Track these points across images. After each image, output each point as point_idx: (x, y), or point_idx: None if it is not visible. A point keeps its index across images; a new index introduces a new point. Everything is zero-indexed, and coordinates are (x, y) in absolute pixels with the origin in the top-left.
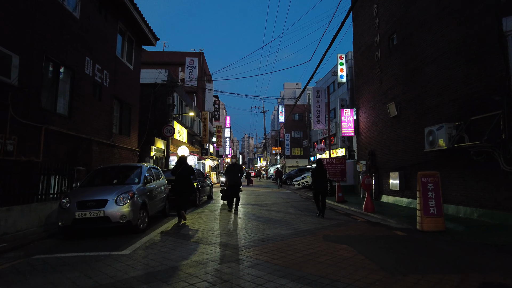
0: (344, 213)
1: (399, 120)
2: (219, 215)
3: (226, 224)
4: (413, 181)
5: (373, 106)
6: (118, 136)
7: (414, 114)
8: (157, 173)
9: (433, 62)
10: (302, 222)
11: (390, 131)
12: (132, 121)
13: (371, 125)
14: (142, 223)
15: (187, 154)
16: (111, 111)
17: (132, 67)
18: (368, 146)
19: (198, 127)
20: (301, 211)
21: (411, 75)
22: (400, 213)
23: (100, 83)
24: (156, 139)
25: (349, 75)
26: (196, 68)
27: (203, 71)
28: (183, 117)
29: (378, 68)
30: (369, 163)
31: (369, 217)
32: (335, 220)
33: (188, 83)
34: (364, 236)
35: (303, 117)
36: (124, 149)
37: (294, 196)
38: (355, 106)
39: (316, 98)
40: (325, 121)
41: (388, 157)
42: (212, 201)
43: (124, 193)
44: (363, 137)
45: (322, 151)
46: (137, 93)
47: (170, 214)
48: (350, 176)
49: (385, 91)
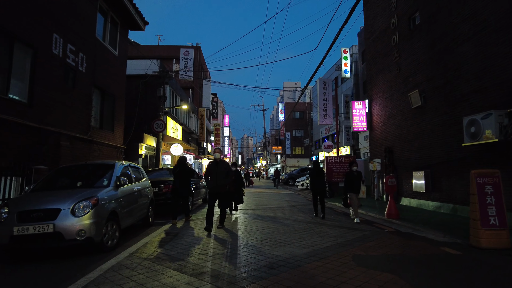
0: (363, 220)
1: (424, 110)
2: (214, 225)
3: (221, 239)
4: (443, 181)
5: (389, 97)
6: (99, 130)
7: (444, 103)
8: (137, 174)
9: (470, 40)
10: (318, 235)
11: (412, 124)
12: (116, 115)
13: (388, 118)
14: (110, 239)
15: (181, 152)
16: (89, 101)
17: (116, 53)
18: (384, 142)
19: (194, 124)
20: (313, 218)
21: (439, 58)
22: (431, 221)
23: (74, 67)
24: (146, 136)
25: (354, 69)
26: (191, 59)
27: (200, 65)
28: (177, 113)
29: (396, 53)
30: (386, 161)
31: (396, 225)
32: (357, 230)
33: (183, 75)
34: (407, 257)
35: (304, 115)
36: (107, 145)
37: (299, 198)
38: (368, 98)
39: (323, 91)
40: (332, 116)
41: (409, 154)
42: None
43: (84, 199)
44: (377, 133)
45: (329, 148)
46: (123, 83)
47: (156, 223)
48: None
49: (404, 79)
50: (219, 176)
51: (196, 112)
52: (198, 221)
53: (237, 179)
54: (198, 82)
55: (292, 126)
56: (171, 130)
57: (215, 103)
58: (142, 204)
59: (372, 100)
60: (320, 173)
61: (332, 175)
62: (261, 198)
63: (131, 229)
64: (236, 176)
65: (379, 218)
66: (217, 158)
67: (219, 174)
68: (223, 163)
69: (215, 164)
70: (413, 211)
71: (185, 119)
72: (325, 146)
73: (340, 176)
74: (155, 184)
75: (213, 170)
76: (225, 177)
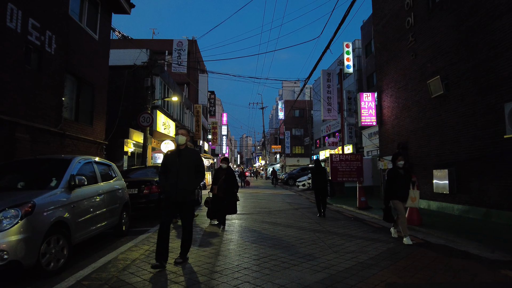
0: (380, 228)
1: (446, 100)
2: (202, 235)
3: (208, 257)
4: (472, 181)
5: (403, 87)
6: (74, 123)
7: (474, 89)
8: (106, 172)
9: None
10: (331, 249)
11: (432, 115)
12: (96, 106)
13: (401, 110)
14: (53, 259)
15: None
16: (59, 89)
17: (96, 37)
18: (397, 137)
19: (189, 121)
20: (321, 225)
21: (466, 37)
22: (463, 228)
23: (40, 47)
24: (133, 132)
25: (357, 64)
26: (185, 51)
27: (195, 60)
28: (170, 108)
29: (411, 37)
30: None
31: (421, 233)
32: (378, 242)
33: (176, 67)
34: (462, 287)
35: (304, 113)
36: (84, 140)
37: (301, 199)
38: (377, 90)
39: (327, 83)
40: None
41: (427, 150)
42: (199, 208)
43: (12, 207)
44: (388, 127)
45: (334, 145)
46: (105, 72)
47: (133, 231)
48: (367, 176)
49: (421, 66)
50: (181, 174)
51: (192, 108)
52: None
53: (229, 179)
54: (194, 77)
55: (292, 125)
56: (162, 126)
57: (212, 100)
58: (112, 210)
59: (382, 91)
60: (322, 172)
61: (337, 175)
62: (260, 199)
63: (97, 240)
64: (227, 176)
65: None
66: (180, 143)
67: (182, 170)
68: (190, 151)
69: (177, 153)
70: (436, 216)
71: (178, 115)
72: (330, 143)
73: (346, 176)
74: (135, 185)
75: (171, 162)
76: (193, 177)
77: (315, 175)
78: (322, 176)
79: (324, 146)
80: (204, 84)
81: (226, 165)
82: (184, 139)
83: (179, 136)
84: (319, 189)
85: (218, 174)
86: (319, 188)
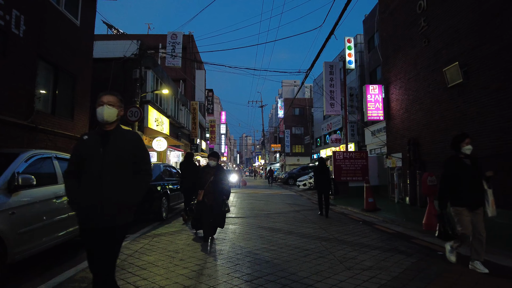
0: (394, 234)
1: (466, 88)
2: (185, 249)
3: (188, 277)
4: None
5: (413, 77)
6: (50, 116)
7: (499, 75)
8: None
9: None
10: (342, 263)
11: (448, 107)
12: (78, 99)
13: (411, 103)
14: None
15: (165, 147)
16: (30, 77)
17: (78, 23)
18: (407, 132)
19: (185, 118)
20: (327, 231)
21: (490, 18)
22: (492, 235)
23: (3, 27)
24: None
25: (359, 60)
26: (180, 44)
27: (192, 55)
28: (163, 104)
29: (423, 22)
30: (409, 155)
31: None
32: (398, 253)
33: (170, 62)
34: None
35: (304, 112)
36: (62, 136)
37: (302, 200)
38: (384, 82)
39: (330, 76)
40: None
41: (443, 146)
42: None
43: None
44: (396, 122)
45: (337, 143)
46: (88, 61)
47: None
48: (373, 175)
49: (435, 52)
50: (107, 175)
51: (188, 105)
52: (163, 239)
53: (218, 180)
54: (190, 73)
55: (292, 123)
56: (154, 122)
57: (210, 98)
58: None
59: (389, 83)
60: (325, 171)
61: (340, 174)
62: (258, 200)
63: (61, 251)
64: (216, 177)
65: (413, 229)
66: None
67: (108, 168)
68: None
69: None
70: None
71: (173, 112)
72: (333, 140)
73: (350, 175)
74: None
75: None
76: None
77: (319, 174)
78: (325, 175)
79: (325, 145)
80: (201, 80)
81: (216, 163)
82: (112, 112)
83: (104, 108)
84: (323, 188)
85: (205, 175)
86: (322, 187)
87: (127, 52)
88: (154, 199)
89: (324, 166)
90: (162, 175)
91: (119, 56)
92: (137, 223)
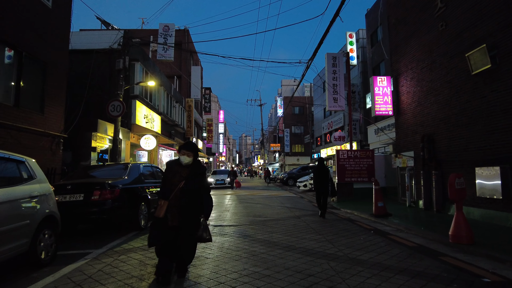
0: (415, 247)
1: (496, 75)
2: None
3: None
4: None
5: (428, 66)
6: (12, 109)
7: None
8: (7, 172)
9: None
10: None
11: (471, 98)
12: (50, 90)
13: (425, 95)
14: None
15: (154, 145)
16: None
17: (49, 4)
18: (420, 128)
19: (180, 116)
20: (334, 245)
21: None
22: None
23: None
24: (103, 123)
25: (361, 56)
26: (172, 36)
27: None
28: (154, 99)
29: (440, 3)
30: (423, 154)
31: (483, 259)
32: (429, 280)
33: (162, 55)
34: None
35: (304, 110)
36: (28, 132)
37: (303, 203)
38: (392, 74)
39: (332, 68)
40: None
41: (465, 143)
42: None
43: None
44: (408, 117)
45: (340, 140)
46: (64, 48)
47: (63, 256)
48: (380, 175)
49: (456, 36)
50: None
51: (183, 102)
52: (134, 255)
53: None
54: (186, 70)
55: (291, 122)
56: (143, 119)
57: (207, 96)
58: (12, 230)
59: (399, 74)
60: (325, 172)
61: (345, 174)
62: (255, 204)
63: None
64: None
65: (437, 242)
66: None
67: None
68: None
69: None
70: (486, 229)
71: (166, 109)
72: (336, 137)
73: (355, 175)
74: (80, 189)
75: None
76: None
77: (318, 174)
78: (325, 176)
79: (326, 144)
80: (197, 77)
81: (190, 159)
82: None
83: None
84: (321, 188)
85: (171, 177)
86: (321, 187)
87: (114, 44)
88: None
89: (324, 166)
90: (141, 176)
91: (105, 47)
92: (111, 231)
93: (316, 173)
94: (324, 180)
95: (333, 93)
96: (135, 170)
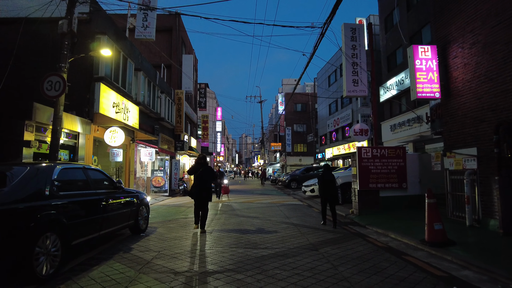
0: None
1: None
2: None
3: None
4: None
5: (503, 23)
6: None
7: None
8: None
9: None
10: None
11: None
12: None
13: (498, 66)
14: None
15: (121, 141)
16: None
17: None
18: (488, 113)
19: (167, 109)
20: None
21: None
22: None
23: None
24: (44, 109)
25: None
26: (154, 12)
27: (179, 39)
28: (128, 84)
29: None
30: (498, 151)
31: None
32: None
33: (140, 34)
34: None
35: (307, 108)
36: None
37: (314, 216)
38: (439, 43)
39: (352, 42)
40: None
41: None
42: (170, 221)
43: None
44: (465, 99)
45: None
46: None
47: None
48: (412, 180)
49: None
50: None
51: (172, 95)
52: None
53: None
54: (177, 59)
55: (294, 120)
56: (112, 108)
57: (202, 90)
58: None
59: (449, 42)
60: (332, 181)
61: (369, 179)
62: (250, 218)
63: None
64: None
65: None
66: None
67: None
68: None
69: None
70: None
71: (148, 99)
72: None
73: (383, 180)
74: None
75: None
76: None
77: (325, 183)
78: (332, 184)
79: (331, 143)
80: (189, 66)
81: None
82: None
83: None
84: (329, 198)
85: None
86: (328, 196)
87: None
88: None
89: (331, 174)
90: (53, 187)
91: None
92: None
93: (323, 181)
94: (332, 189)
95: (353, 74)
96: (35, 178)
